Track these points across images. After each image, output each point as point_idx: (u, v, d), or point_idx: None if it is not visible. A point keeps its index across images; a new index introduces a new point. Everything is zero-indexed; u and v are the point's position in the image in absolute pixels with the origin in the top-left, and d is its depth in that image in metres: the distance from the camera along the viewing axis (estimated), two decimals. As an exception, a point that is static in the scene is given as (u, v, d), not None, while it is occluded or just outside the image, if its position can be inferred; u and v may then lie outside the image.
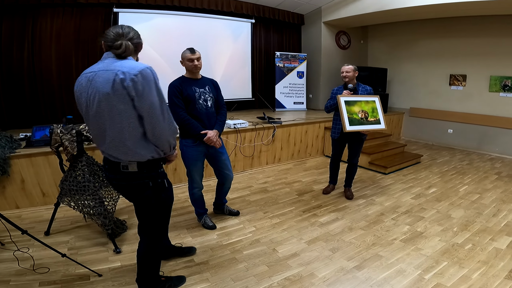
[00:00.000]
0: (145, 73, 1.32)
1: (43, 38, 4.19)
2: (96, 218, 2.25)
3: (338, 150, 3.35)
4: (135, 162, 1.45)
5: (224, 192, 2.82)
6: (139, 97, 1.31)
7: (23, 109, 4.13)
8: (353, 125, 2.96)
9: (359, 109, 3.03)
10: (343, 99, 3.01)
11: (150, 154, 1.46)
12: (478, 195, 3.48)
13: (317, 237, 2.58)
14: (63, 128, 2.17)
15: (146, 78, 1.31)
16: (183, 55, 2.33)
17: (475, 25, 5.25)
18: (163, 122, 1.40)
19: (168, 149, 1.54)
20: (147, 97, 1.32)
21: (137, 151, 1.42)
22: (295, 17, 6.44)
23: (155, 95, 1.35)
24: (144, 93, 1.32)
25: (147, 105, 1.33)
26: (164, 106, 1.40)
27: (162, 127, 1.41)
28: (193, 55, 2.30)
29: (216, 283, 1.99)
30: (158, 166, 1.55)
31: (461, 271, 2.10)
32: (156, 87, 1.36)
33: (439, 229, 2.70)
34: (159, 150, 1.49)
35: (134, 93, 1.30)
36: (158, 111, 1.37)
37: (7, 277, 1.97)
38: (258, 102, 6.39)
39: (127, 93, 1.31)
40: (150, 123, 1.38)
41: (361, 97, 3.10)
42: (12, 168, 2.79)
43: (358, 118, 3.00)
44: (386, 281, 2.01)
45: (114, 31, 1.40)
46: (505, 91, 5.07)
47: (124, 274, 2.05)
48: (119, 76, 1.29)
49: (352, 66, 3.08)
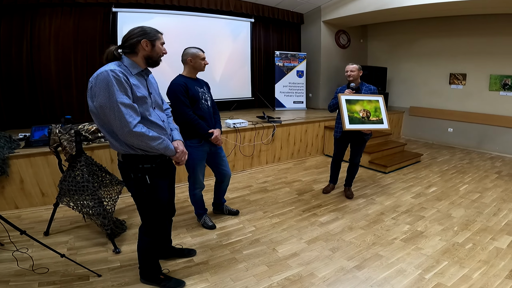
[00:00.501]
0: (101, 76, 1.43)
1: (42, 38, 4.19)
2: (95, 218, 2.25)
3: (340, 149, 3.34)
4: (121, 154, 1.64)
5: (222, 191, 2.82)
6: (92, 98, 1.47)
7: (22, 109, 4.12)
8: (353, 124, 2.94)
9: (360, 108, 3.01)
10: (343, 97, 3.00)
11: (122, 148, 1.58)
12: (479, 194, 3.47)
13: (317, 237, 2.57)
14: (61, 128, 2.16)
15: (99, 80, 1.43)
16: (196, 53, 2.32)
17: (474, 24, 5.25)
18: (115, 123, 1.46)
19: (146, 148, 1.57)
20: (97, 98, 1.44)
21: (112, 141, 1.58)
22: (294, 16, 6.43)
23: (105, 97, 1.43)
24: (95, 94, 1.45)
25: (98, 105, 1.45)
26: (114, 108, 1.43)
27: (115, 127, 1.48)
28: (204, 54, 2.35)
29: (215, 283, 1.98)
30: (140, 161, 1.62)
31: (462, 270, 2.09)
32: (107, 89, 1.42)
33: (440, 228, 2.69)
34: (134, 147, 1.57)
35: (89, 93, 1.47)
36: (108, 111, 1.45)
37: (6, 277, 1.96)
38: (258, 101, 6.38)
39: (88, 94, 1.49)
40: (106, 121, 1.50)
41: (363, 96, 3.08)
42: (11, 168, 2.78)
43: (359, 117, 2.98)
44: (386, 281, 2.00)
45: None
46: (505, 90, 5.06)
47: (124, 274, 2.04)
48: (89, 80, 1.48)
49: (357, 66, 3.07)
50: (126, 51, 1.57)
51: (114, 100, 1.42)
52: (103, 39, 4.63)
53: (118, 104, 1.42)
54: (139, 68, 1.59)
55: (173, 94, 2.27)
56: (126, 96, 1.47)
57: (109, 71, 1.43)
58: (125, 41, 1.56)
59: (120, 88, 1.44)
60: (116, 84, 1.43)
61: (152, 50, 1.59)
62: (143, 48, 1.56)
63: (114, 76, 1.43)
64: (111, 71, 1.43)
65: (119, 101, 1.42)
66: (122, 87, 1.45)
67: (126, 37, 1.56)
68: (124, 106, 1.44)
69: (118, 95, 1.43)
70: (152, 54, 1.60)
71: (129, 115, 1.45)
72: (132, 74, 1.54)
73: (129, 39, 1.55)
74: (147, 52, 1.58)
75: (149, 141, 1.53)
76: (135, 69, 1.57)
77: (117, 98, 1.42)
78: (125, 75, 1.48)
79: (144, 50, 1.57)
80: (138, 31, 1.56)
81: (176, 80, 2.33)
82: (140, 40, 1.55)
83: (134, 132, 1.47)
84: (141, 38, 1.55)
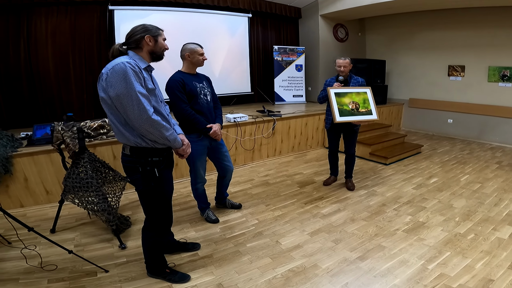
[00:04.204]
0: (117, 67, 1.48)
1: (39, 37, 4.18)
2: (101, 214, 2.27)
3: (333, 140, 3.39)
4: (128, 146, 1.65)
5: (225, 185, 2.84)
6: (107, 88, 1.51)
7: (22, 108, 4.13)
8: (343, 116, 3.01)
9: (349, 100, 3.07)
10: (333, 91, 3.06)
11: (135, 139, 1.60)
12: (480, 184, 3.49)
13: (320, 229, 2.60)
14: (64, 126, 2.17)
15: (116, 71, 1.48)
16: (194, 49, 2.33)
17: (472, 16, 5.23)
18: (132, 110, 1.50)
19: (157, 138, 1.62)
20: (113, 87, 1.48)
21: (125, 132, 1.60)
22: (292, 11, 6.41)
23: (123, 86, 1.47)
24: (111, 84, 1.49)
25: (115, 94, 1.49)
26: (132, 96, 1.48)
27: (133, 115, 1.51)
28: (202, 49, 2.36)
29: (220, 276, 2.01)
30: (150, 155, 1.66)
31: (465, 261, 2.10)
32: (124, 79, 1.47)
33: (441, 219, 2.71)
34: (146, 139, 1.61)
35: (104, 84, 1.51)
36: (125, 100, 1.49)
37: (15, 275, 1.98)
38: (257, 96, 6.39)
39: (102, 84, 1.52)
40: (122, 111, 1.53)
41: (351, 88, 3.14)
42: (14, 167, 2.79)
43: (349, 109, 3.05)
44: (389, 271, 2.02)
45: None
46: (504, 81, 5.07)
47: (130, 269, 2.06)
48: (102, 71, 1.54)
49: (348, 60, 3.11)
50: (131, 47, 1.63)
51: (132, 89, 1.48)
52: (100, 37, 4.62)
53: (137, 92, 1.48)
54: (146, 62, 1.66)
55: (170, 90, 2.29)
56: (142, 87, 1.53)
57: (126, 63, 1.49)
58: (129, 37, 1.63)
59: (136, 79, 1.50)
60: (133, 74, 1.49)
61: (155, 45, 1.66)
62: (147, 43, 1.63)
63: (130, 67, 1.49)
64: (127, 62, 1.50)
65: (137, 90, 1.48)
66: (138, 77, 1.52)
67: (129, 34, 1.63)
68: (141, 95, 1.50)
69: (136, 84, 1.49)
70: (156, 49, 1.67)
71: (146, 103, 1.51)
72: (141, 68, 1.59)
73: (133, 36, 1.62)
74: (151, 47, 1.65)
75: (163, 130, 1.59)
76: (143, 63, 1.63)
77: (135, 87, 1.48)
78: (139, 67, 1.55)
79: (148, 45, 1.64)
80: (141, 28, 1.63)
81: (174, 76, 2.35)
82: (144, 36, 1.62)
83: (152, 119, 1.53)
84: (144, 34, 1.62)
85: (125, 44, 1.63)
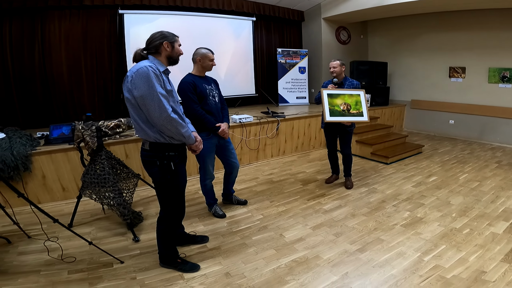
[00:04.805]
0: (141, 70, 1.65)
1: (53, 40, 4.35)
2: (116, 209, 2.41)
3: (329, 140, 3.53)
4: (148, 142, 1.81)
5: (231, 182, 2.98)
6: (131, 89, 1.67)
7: (36, 110, 4.31)
8: (333, 116, 3.14)
9: (341, 101, 3.19)
10: (325, 92, 3.19)
11: (154, 135, 1.76)
12: (478, 182, 3.57)
13: (322, 223, 2.72)
14: (84, 125, 2.34)
15: (140, 74, 1.65)
16: (205, 54, 2.49)
17: (472, 19, 5.32)
18: (154, 109, 1.67)
19: (174, 135, 1.78)
20: (138, 89, 1.65)
21: (146, 129, 1.76)
22: (295, 14, 6.55)
23: (146, 87, 1.64)
24: (136, 86, 1.65)
25: (139, 95, 1.65)
26: (154, 97, 1.65)
27: (154, 113, 1.68)
28: (213, 55, 2.53)
29: (228, 265, 2.14)
30: (167, 149, 1.82)
31: (459, 254, 2.18)
32: (147, 81, 1.64)
33: (438, 215, 2.80)
34: (164, 135, 1.77)
35: (129, 85, 1.68)
36: (148, 100, 1.65)
37: (37, 267, 2.11)
38: (262, 97, 6.53)
39: (128, 85, 1.69)
40: (144, 109, 1.70)
41: (344, 90, 3.26)
42: (33, 165, 2.96)
43: (340, 110, 3.17)
44: (387, 262, 2.13)
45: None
46: (504, 82, 5.15)
47: (144, 260, 2.20)
48: (127, 74, 1.72)
49: (339, 61, 3.25)
50: (151, 52, 1.80)
51: (154, 90, 1.65)
52: (110, 40, 4.79)
53: (158, 93, 1.66)
54: (164, 66, 1.82)
55: (183, 91, 2.44)
56: (162, 88, 1.69)
57: (148, 67, 1.66)
58: (149, 43, 1.81)
59: (157, 81, 1.67)
60: (154, 77, 1.66)
61: (172, 51, 1.84)
62: (165, 49, 1.80)
63: (152, 70, 1.66)
64: (150, 66, 1.67)
65: (158, 91, 1.65)
66: (158, 80, 1.69)
67: (149, 41, 1.81)
68: (162, 95, 1.67)
69: (157, 86, 1.66)
70: (172, 54, 1.85)
71: (165, 103, 1.68)
72: (160, 71, 1.75)
73: (153, 42, 1.79)
74: (168, 52, 1.82)
75: (180, 127, 1.76)
76: (161, 67, 1.79)
77: (157, 89, 1.66)
78: (159, 70, 1.72)
79: (166, 50, 1.81)
80: (159, 35, 1.80)
81: (185, 79, 2.50)
82: (162, 42, 1.79)
83: (171, 117, 1.70)
84: (163, 41, 1.79)
85: (146, 49, 1.81)
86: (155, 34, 1.81)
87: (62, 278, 2.00)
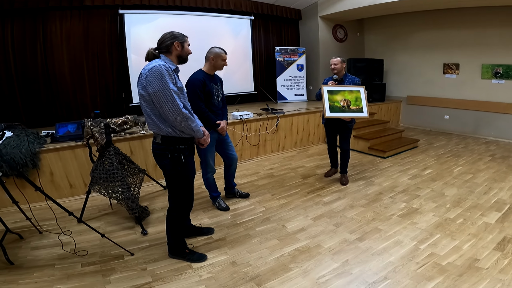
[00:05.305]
0: (155, 68, 1.76)
1: (54, 40, 4.39)
2: (124, 203, 2.51)
3: (330, 135, 3.62)
4: (160, 136, 1.91)
5: (231, 174, 3.09)
6: (146, 86, 1.78)
7: (39, 109, 4.36)
8: (333, 112, 3.21)
9: (341, 98, 3.27)
10: (326, 88, 3.27)
11: (166, 129, 1.87)
12: (471, 175, 3.69)
13: (322, 214, 2.83)
14: (93, 121, 2.43)
15: (154, 72, 1.75)
16: (219, 54, 2.56)
17: (466, 16, 5.43)
18: (167, 105, 1.77)
19: (185, 129, 1.88)
20: (152, 85, 1.75)
21: (159, 124, 1.86)
22: (292, 13, 6.64)
23: (159, 85, 1.74)
24: (150, 83, 1.75)
25: (153, 91, 1.75)
26: (167, 93, 1.76)
27: (167, 109, 1.78)
28: (226, 56, 2.61)
29: (233, 255, 2.24)
30: (177, 143, 1.93)
31: (453, 242, 2.29)
32: (161, 79, 1.74)
33: (433, 205, 2.92)
34: (175, 129, 1.88)
35: (144, 82, 1.78)
36: (161, 96, 1.75)
37: (51, 261, 2.18)
38: (261, 95, 6.61)
39: (142, 83, 1.80)
40: (158, 105, 1.80)
41: (344, 87, 3.34)
42: (41, 162, 3.04)
43: (340, 106, 3.25)
44: (385, 250, 2.24)
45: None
46: (497, 78, 5.27)
47: (153, 251, 2.29)
48: (141, 72, 1.83)
49: (340, 59, 3.31)
50: (162, 51, 1.90)
51: (167, 87, 1.76)
52: (111, 40, 4.85)
53: (171, 90, 1.77)
54: (174, 65, 1.92)
55: (192, 87, 2.52)
56: (174, 85, 1.80)
57: (161, 65, 1.77)
58: (161, 43, 1.91)
59: (169, 79, 1.77)
60: (167, 75, 1.77)
61: (182, 50, 1.94)
62: (175, 48, 1.91)
63: (165, 69, 1.77)
64: (163, 65, 1.78)
65: (171, 88, 1.76)
66: (170, 78, 1.79)
67: (160, 41, 1.91)
68: (174, 92, 1.77)
69: (170, 83, 1.77)
70: (182, 53, 1.95)
71: (177, 99, 1.79)
72: (172, 69, 1.85)
73: (164, 42, 1.90)
74: (178, 52, 1.93)
75: (189, 121, 1.87)
76: (172, 65, 1.89)
77: (170, 86, 1.77)
78: (170, 69, 1.82)
79: (176, 50, 1.91)
80: (170, 35, 1.90)
81: (197, 75, 2.56)
82: (173, 42, 1.89)
83: (182, 112, 1.81)
84: (174, 41, 1.89)
85: (157, 49, 1.91)
86: (166, 34, 1.91)
87: (76, 271, 2.08)
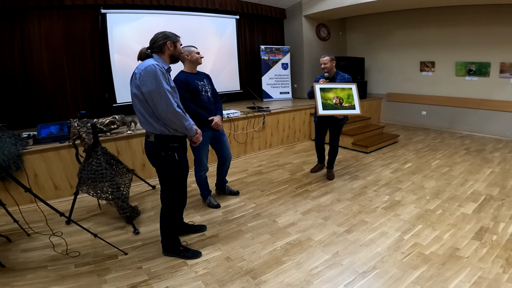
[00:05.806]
0: (149, 68, 1.78)
1: (33, 41, 4.24)
2: (115, 203, 2.49)
3: (319, 133, 3.69)
4: (153, 134, 1.92)
5: (224, 171, 3.13)
6: (140, 85, 1.79)
7: (19, 110, 4.20)
8: (326, 110, 3.28)
9: (334, 95, 3.34)
10: (318, 86, 3.33)
11: (160, 128, 1.89)
12: (448, 167, 3.88)
13: (311, 209, 2.92)
14: (79, 122, 2.39)
15: (148, 71, 1.76)
16: (190, 49, 2.59)
17: (441, 16, 5.69)
18: (161, 104, 1.79)
19: (178, 127, 1.91)
20: (146, 85, 1.77)
21: (152, 122, 1.88)
22: (277, 12, 6.71)
23: (154, 84, 1.76)
24: (144, 82, 1.77)
25: (147, 90, 1.77)
26: (161, 92, 1.77)
27: (161, 107, 1.80)
28: (197, 49, 2.64)
29: (227, 250, 2.29)
30: (171, 141, 1.95)
31: (434, 232, 2.40)
32: (155, 78, 1.76)
33: (414, 197, 3.07)
34: (169, 127, 1.90)
35: (138, 82, 1.79)
36: (156, 95, 1.77)
37: (43, 263, 2.15)
38: (246, 93, 6.65)
39: (136, 82, 1.81)
40: (152, 104, 1.81)
41: (336, 84, 3.41)
42: (25, 164, 2.95)
43: (332, 103, 3.31)
44: (372, 241, 2.34)
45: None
46: (470, 75, 5.56)
47: (147, 250, 2.29)
48: (134, 71, 1.84)
49: (329, 57, 3.38)
50: (155, 51, 1.91)
51: (161, 87, 1.78)
52: (93, 40, 4.73)
53: (165, 89, 1.79)
54: (167, 64, 1.94)
55: None
56: (167, 85, 1.81)
57: (155, 65, 1.79)
58: (153, 43, 1.92)
59: (163, 78, 1.79)
60: (161, 75, 1.79)
61: (174, 50, 1.96)
62: (168, 48, 1.92)
63: (159, 68, 1.80)
64: (156, 64, 1.80)
65: (165, 87, 1.78)
66: (164, 77, 1.81)
67: (153, 40, 1.92)
68: (168, 92, 1.79)
69: (164, 83, 1.79)
70: (175, 53, 1.97)
71: (171, 98, 1.81)
72: (165, 69, 1.87)
73: (157, 42, 1.91)
74: (171, 51, 1.95)
75: (183, 120, 1.89)
76: (165, 65, 1.91)
77: (164, 85, 1.79)
78: (164, 68, 1.84)
79: (169, 49, 1.93)
80: (162, 35, 1.91)
81: (178, 77, 2.59)
82: (166, 42, 1.91)
83: (176, 111, 1.83)
84: (166, 40, 1.91)
85: (150, 48, 1.92)
86: (158, 34, 1.92)
87: (70, 271, 2.06)
